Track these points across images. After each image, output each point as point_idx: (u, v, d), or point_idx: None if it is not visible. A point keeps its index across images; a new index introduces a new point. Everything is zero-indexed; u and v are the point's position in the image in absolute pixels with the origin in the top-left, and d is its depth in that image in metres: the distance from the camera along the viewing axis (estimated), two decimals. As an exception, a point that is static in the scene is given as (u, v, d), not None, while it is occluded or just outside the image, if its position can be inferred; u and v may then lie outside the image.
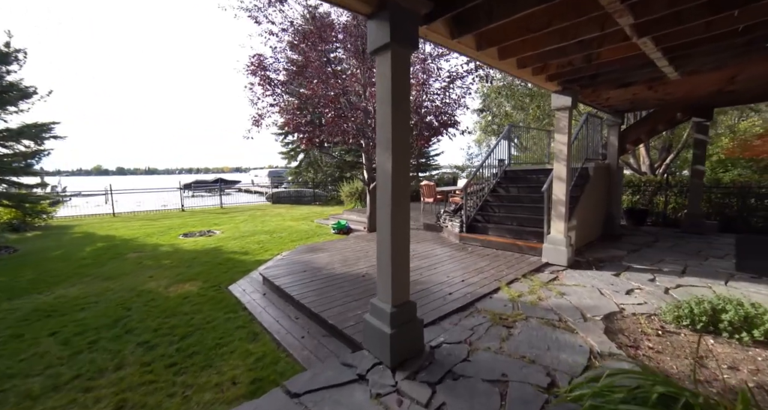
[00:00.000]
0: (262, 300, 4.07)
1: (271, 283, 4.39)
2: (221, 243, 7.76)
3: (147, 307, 3.71)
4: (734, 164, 8.47)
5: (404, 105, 2.33)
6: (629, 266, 4.64)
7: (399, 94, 2.29)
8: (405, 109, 2.34)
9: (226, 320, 3.48)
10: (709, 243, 5.83)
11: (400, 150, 2.34)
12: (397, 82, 2.27)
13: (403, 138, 2.35)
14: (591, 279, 4.13)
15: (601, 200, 6.72)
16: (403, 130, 2.35)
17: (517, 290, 3.80)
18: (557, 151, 4.74)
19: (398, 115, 2.30)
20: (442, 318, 3.16)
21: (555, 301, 3.45)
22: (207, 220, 12.11)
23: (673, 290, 3.66)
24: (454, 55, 6.48)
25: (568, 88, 4.45)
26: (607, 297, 3.54)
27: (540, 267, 4.70)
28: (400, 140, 2.33)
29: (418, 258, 5.26)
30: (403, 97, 2.32)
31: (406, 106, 2.36)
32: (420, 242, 6.41)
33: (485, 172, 6.95)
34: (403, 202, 2.40)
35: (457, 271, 4.53)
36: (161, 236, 8.83)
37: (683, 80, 4.35)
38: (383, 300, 2.50)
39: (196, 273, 5.22)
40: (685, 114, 6.20)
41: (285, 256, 5.89)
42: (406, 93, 2.35)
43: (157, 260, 6.04)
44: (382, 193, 2.40)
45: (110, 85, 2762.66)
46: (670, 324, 2.82)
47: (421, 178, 17.30)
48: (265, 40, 8.28)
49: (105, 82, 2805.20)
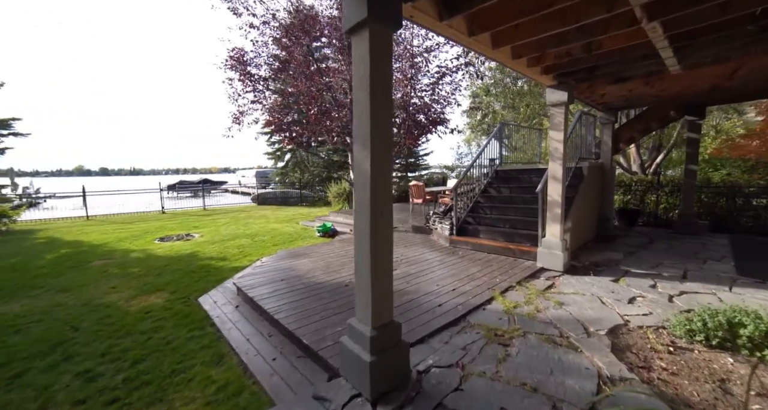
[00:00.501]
0: (234, 314, 3.68)
1: (245, 295, 4.00)
2: (198, 248, 7.29)
3: (99, 326, 3.28)
4: (723, 164, 8.44)
5: (385, 93, 1.99)
6: (627, 270, 4.41)
7: (379, 80, 1.95)
8: (386, 98, 2.01)
9: (189, 339, 3.08)
10: (704, 245, 5.67)
11: (380, 146, 2.00)
12: (376, 66, 1.93)
13: (384, 132, 2.02)
14: (590, 287, 3.88)
15: (595, 201, 6.52)
16: (384, 123, 2.01)
17: (512, 300, 3.51)
18: (552, 149, 4.48)
19: (378, 105, 1.96)
20: (432, 335, 2.83)
21: (554, 313, 3.16)
22: (187, 223, 11.55)
23: (677, 298, 3.43)
24: (445, 48, 6.20)
25: (564, 83, 4.19)
26: (609, 307, 3.27)
27: (535, 272, 4.43)
28: (380, 135, 1.99)
29: (405, 263, 4.94)
30: (384, 85, 1.99)
31: (387, 94, 2.02)
32: (408, 246, 6.09)
33: (475, 171, 6.68)
34: (385, 207, 2.06)
35: (447, 279, 4.22)
36: (134, 241, 8.29)
37: (682, 75, 4.14)
38: (362, 321, 2.16)
39: (165, 283, 4.78)
40: (678, 112, 6.05)
41: (264, 263, 5.49)
42: (388, 80, 2.01)
43: (125, 268, 5.56)
44: (360, 196, 2.06)
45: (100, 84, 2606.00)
46: (681, 339, 2.56)
47: (410, 178, 17.01)
48: (245, 33, 7.84)
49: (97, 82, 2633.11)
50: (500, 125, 7.29)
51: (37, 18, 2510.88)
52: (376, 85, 1.94)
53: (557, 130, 4.41)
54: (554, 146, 4.47)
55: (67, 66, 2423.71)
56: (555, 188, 4.51)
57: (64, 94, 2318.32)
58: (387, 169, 2.06)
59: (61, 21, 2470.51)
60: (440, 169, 21.06)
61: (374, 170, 1.99)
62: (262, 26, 7.87)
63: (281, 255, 5.91)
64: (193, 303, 4.04)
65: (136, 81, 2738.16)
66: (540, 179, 6.21)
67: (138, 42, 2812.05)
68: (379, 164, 2.01)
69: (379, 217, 2.04)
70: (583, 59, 3.41)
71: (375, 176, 1.99)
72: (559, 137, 4.40)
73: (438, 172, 19.42)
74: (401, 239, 6.69)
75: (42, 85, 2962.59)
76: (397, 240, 6.58)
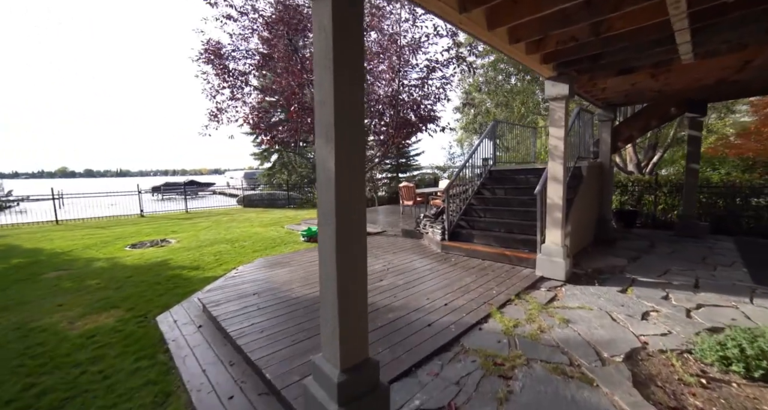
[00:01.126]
0: (195, 337, 3.19)
1: (209, 313, 3.51)
2: (171, 256, 6.74)
3: (23, 357, 2.75)
4: (722, 163, 8.23)
5: (353, 71, 1.56)
6: (634, 279, 4.05)
7: (345, 54, 1.51)
8: (355, 78, 1.57)
9: (132, 372, 2.59)
10: (710, 249, 5.36)
11: (348, 139, 1.56)
12: (342, 35, 1.49)
13: (353, 121, 1.58)
14: (596, 298, 3.49)
15: (594, 202, 6.19)
16: (353, 110, 1.57)
17: (511, 317, 3.09)
18: (552, 147, 4.10)
19: (344, 86, 1.52)
20: (420, 365, 2.40)
21: (560, 333, 2.76)
22: (165, 227, 10.93)
23: (695, 312, 3.06)
24: (434, 39, 5.80)
25: (565, 74, 3.82)
26: (621, 324, 2.88)
27: (535, 282, 4.04)
28: (347, 125, 1.55)
29: (393, 273, 4.50)
30: (353, 60, 1.55)
31: (357, 73, 1.58)
32: (397, 252, 5.66)
33: (468, 172, 6.28)
34: (354, 216, 1.62)
35: (438, 291, 3.80)
36: (103, 248, 7.69)
37: (690, 67, 3.81)
38: (329, 359, 1.71)
39: (124, 298, 4.25)
40: (679, 109, 5.75)
41: (239, 273, 4.99)
42: (357, 54, 1.57)
43: (82, 280, 5.00)
44: (324, 203, 1.62)
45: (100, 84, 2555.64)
46: (712, 368, 2.18)
47: (401, 179, 16.62)
48: (221, 25, 7.32)
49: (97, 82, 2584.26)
50: (494, 123, 6.92)
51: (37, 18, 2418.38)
52: (343, 60, 1.50)
53: (557, 127, 4.03)
54: (554, 144, 4.08)
55: (67, 66, 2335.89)
56: (555, 189, 4.13)
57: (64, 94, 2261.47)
58: (357, 169, 1.62)
59: (61, 21, 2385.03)
60: (432, 169, 20.71)
61: (340, 169, 1.55)
62: (241, 18, 7.37)
63: (259, 264, 5.42)
64: (150, 323, 3.54)
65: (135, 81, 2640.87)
66: (536, 179, 5.86)
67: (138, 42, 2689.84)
68: (346, 162, 1.56)
69: (347, 230, 1.59)
70: (589, 44, 3.02)
71: (341, 177, 1.55)
72: (560, 134, 4.02)
73: (429, 173, 19.06)
74: (390, 244, 6.26)
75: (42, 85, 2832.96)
76: (385, 246, 6.14)
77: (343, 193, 1.57)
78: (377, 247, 6.07)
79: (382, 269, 4.69)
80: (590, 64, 3.53)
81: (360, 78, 1.60)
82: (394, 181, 16.39)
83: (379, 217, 9.62)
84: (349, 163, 1.58)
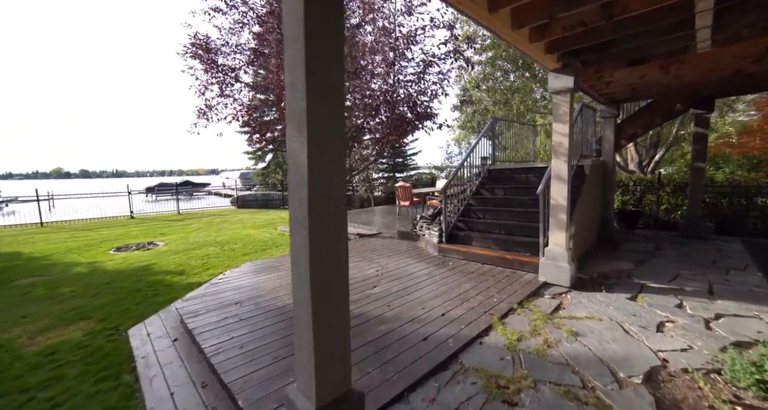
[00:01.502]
0: (167, 353, 2.90)
1: (186, 325, 3.23)
2: (156, 260, 6.44)
3: (-32, 380, 2.46)
4: (726, 162, 8.03)
5: (331, 46, 1.28)
6: (643, 284, 3.80)
7: (320, 22, 1.24)
8: (332, 52, 1.29)
9: (90, 397, 2.30)
10: (718, 251, 5.13)
11: (324, 129, 1.29)
12: (314, 1, 1.22)
13: (330, 107, 1.30)
14: (604, 307, 3.23)
15: (597, 202, 5.95)
16: (329, 94, 1.30)
17: (514, 329, 2.83)
18: (556, 144, 3.84)
19: (318, 64, 1.25)
20: (413, 388, 2.13)
21: (569, 348, 2.50)
22: (154, 229, 10.61)
23: (714, 323, 2.81)
24: (430, 31, 5.52)
25: (570, 65, 3.56)
26: (636, 337, 2.62)
27: (538, 288, 3.78)
28: (322, 111, 1.28)
29: (388, 278, 4.23)
30: (330, 32, 1.27)
31: (336, 47, 1.31)
32: (391, 255, 5.38)
33: (466, 171, 6.02)
34: (331, 222, 1.35)
35: (435, 299, 3.53)
36: (86, 251, 7.37)
37: (704, 57, 3.57)
38: (304, 392, 1.44)
39: (97, 308, 3.95)
40: (685, 105, 5.53)
41: (224, 278, 4.70)
42: (335, 23, 1.30)
43: (55, 288, 4.69)
44: (295, 206, 1.35)
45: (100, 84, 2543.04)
46: (747, 392, 1.92)
47: (398, 178, 16.35)
48: (209, 18, 7.03)
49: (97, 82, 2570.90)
50: (492, 120, 6.66)
51: (37, 18, 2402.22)
52: (317, 29, 1.23)
53: (562, 122, 3.78)
54: (558, 140, 3.83)
55: (67, 66, 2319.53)
56: (559, 189, 3.87)
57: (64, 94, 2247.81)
58: (335, 165, 1.35)
59: (61, 21, 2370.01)
60: (429, 169, 20.46)
61: (314, 165, 1.27)
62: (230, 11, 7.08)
63: (246, 269, 5.13)
64: (121, 336, 3.24)
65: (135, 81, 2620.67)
66: (537, 178, 5.61)
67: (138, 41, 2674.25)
68: (321, 156, 1.29)
69: (323, 240, 1.32)
70: (599, 30, 2.77)
71: (316, 175, 1.27)
72: (564, 130, 3.77)
73: (426, 173, 18.81)
74: (385, 247, 5.99)
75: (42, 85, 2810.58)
76: (380, 249, 5.87)
77: (318, 195, 1.29)
78: (371, 250, 5.79)
79: (375, 274, 4.42)
80: (598, 53, 3.27)
81: (338, 53, 1.33)
82: (390, 180, 16.12)
83: (375, 218, 9.34)
84: (325, 158, 1.30)
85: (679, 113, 6.07)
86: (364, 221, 8.69)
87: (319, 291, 1.33)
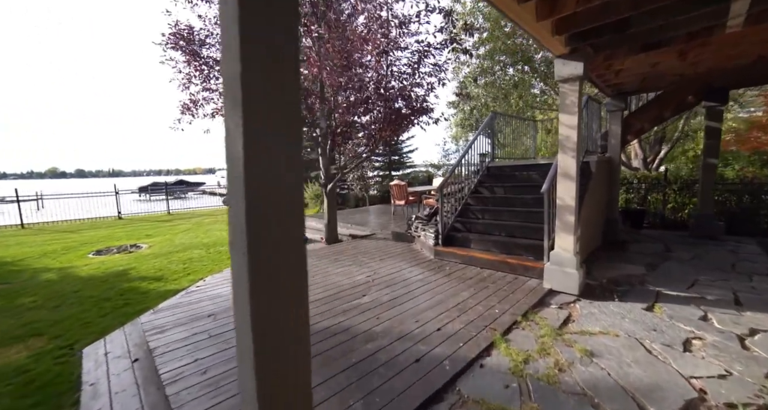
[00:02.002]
0: (123, 378, 2.52)
1: (148, 344, 2.85)
2: (136, 264, 6.06)
3: None
4: (736, 158, 7.72)
5: None
6: (658, 292, 3.46)
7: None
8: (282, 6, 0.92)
9: (17, 438, 1.93)
10: (734, 253, 4.80)
11: (267, 103, 0.91)
12: None
13: (276, 75, 0.93)
14: (619, 319, 2.89)
15: (602, 201, 5.61)
16: (275, 56, 0.92)
17: (520, 347, 2.48)
18: (563, 137, 3.49)
19: (258, 14, 0.88)
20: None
21: (584, 373, 2.15)
22: (140, 231, 10.21)
23: (750, 340, 2.46)
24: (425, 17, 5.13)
25: (579, 50, 3.20)
26: (661, 358, 2.28)
27: (543, 297, 3.43)
28: (265, 79, 0.91)
29: (378, 286, 3.87)
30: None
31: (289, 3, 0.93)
32: (384, 258, 5.02)
33: (464, 169, 5.66)
34: (283, 235, 0.97)
35: (430, 310, 3.17)
36: (62, 255, 6.97)
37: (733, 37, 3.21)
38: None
39: (55, 322, 3.57)
40: (697, 97, 5.19)
41: (202, 286, 4.33)
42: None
43: (14, 298, 4.30)
44: (233, 211, 0.97)
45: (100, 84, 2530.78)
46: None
47: (394, 176, 15.97)
48: (191, 6, 6.61)
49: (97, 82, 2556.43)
50: (492, 115, 6.30)
51: (37, 18, 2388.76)
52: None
53: (569, 113, 3.42)
54: (565, 134, 3.47)
55: (67, 66, 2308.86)
56: (566, 188, 3.52)
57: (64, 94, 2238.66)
58: (289, 157, 0.97)
59: (61, 21, 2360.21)
60: (426, 167, 20.07)
61: (254, 155, 0.90)
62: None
63: (228, 275, 4.75)
64: (74, 356, 2.87)
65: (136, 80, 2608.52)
66: (539, 176, 5.27)
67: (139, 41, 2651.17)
68: (265, 143, 0.92)
69: (266, 262, 0.95)
70: (616, 4, 2.41)
71: (256, 169, 0.90)
72: (572, 122, 3.41)
73: (423, 171, 18.42)
74: (378, 249, 5.63)
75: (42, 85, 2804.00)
76: (372, 251, 5.51)
77: (258, 198, 0.92)
78: (363, 253, 5.43)
79: (365, 281, 4.06)
80: (612, 35, 2.91)
81: (291, 9, 0.95)
82: (386, 178, 15.74)
83: (369, 218, 8.98)
84: (270, 146, 0.93)
85: (690, 106, 5.73)
86: (357, 221, 8.32)
87: (263, 339, 0.97)
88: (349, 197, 14.48)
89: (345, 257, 5.26)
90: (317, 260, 5.18)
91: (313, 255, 5.58)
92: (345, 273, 4.39)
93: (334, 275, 4.34)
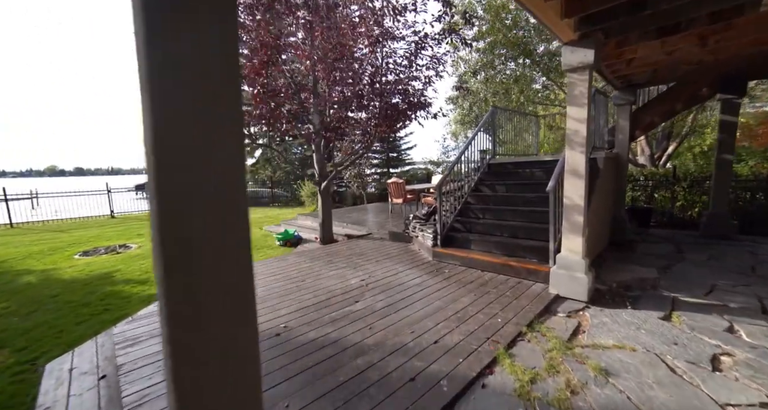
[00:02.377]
0: (84, 400, 2.27)
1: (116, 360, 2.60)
2: (122, 266, 5.81)
3: None
4: (749, 154, 7.44)
5: None
6: (675, 298, 3.20)
7: None
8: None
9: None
10: (753, 254, 4.54)
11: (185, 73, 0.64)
12: None
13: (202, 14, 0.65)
14: (634, 330, 2.63)
15: (609, 199, 5.34)
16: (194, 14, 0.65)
17: (526, 363, 2.22)
18: (571, 132, 3.22)
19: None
20: (392, 468, 1.52)
21: (600, 396, 1.89)
22: (132, 230, 9.95)
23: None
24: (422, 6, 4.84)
25: (590, 36, 2.93)
26: (687, 378, 2.02)
27: (549, 304, 3.18)
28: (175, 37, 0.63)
29: (373, 291, 3.61)
30: None
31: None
32: (380, 260, 4.77)
33: (464, 166, 5.39)
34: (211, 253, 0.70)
35: (427, 319, 2.92)
36: (47, 256, 6.72)
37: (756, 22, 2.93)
38: None
39: (25, 331, 3.32)
40: (712, 89, 4.91)
41: (185, 291, 4.06)
42: None
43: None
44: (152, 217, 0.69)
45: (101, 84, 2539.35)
46: None
47: (392, 174, 15.70)
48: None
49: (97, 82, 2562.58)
50: (492, 110, 6.02)
51: (37, 18, 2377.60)
52: None
53: (578, 105, 3.15)
54: (574, 127, 3.20)
55: (67, 66, 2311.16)
56: (575, 186, 3.25)
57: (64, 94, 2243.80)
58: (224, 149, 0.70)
59: (61, 21, 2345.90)
60: (425, 164, 19.79)
61: (165, 145, 0.63)
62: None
63: (215, 278, 4.49)
64: (36, 372, 2.61)
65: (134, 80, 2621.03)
66: (543, 173, 5.00)
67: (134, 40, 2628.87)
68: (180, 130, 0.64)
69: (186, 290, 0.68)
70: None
71: (160, 160, 0.63)
72: (581, 114, 3.14)
73: (422, 168, 18.14)
74: (374, 250, 5.37)
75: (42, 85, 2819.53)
76: (368, 252, 5.25)
77: (170, 202, 0.65)
78: (359, 254, 5.18)
79: (359, 285, 3.80)
80: (626, 17, 2.64)
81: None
82: (384, 176, 15.47)
83: (366, 217, 8.72)
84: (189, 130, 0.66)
85: (703, 99, 5.45)
86: (354, 220, 8.06)
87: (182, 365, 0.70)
88: (347, 195, 14.22)
89: (339, 258, 5.01)
90: (310, 261, 4.92)
91: (306, 256, 5.32)
92: (338, 277, 4.14)
93: (326, 278, 4.09)
